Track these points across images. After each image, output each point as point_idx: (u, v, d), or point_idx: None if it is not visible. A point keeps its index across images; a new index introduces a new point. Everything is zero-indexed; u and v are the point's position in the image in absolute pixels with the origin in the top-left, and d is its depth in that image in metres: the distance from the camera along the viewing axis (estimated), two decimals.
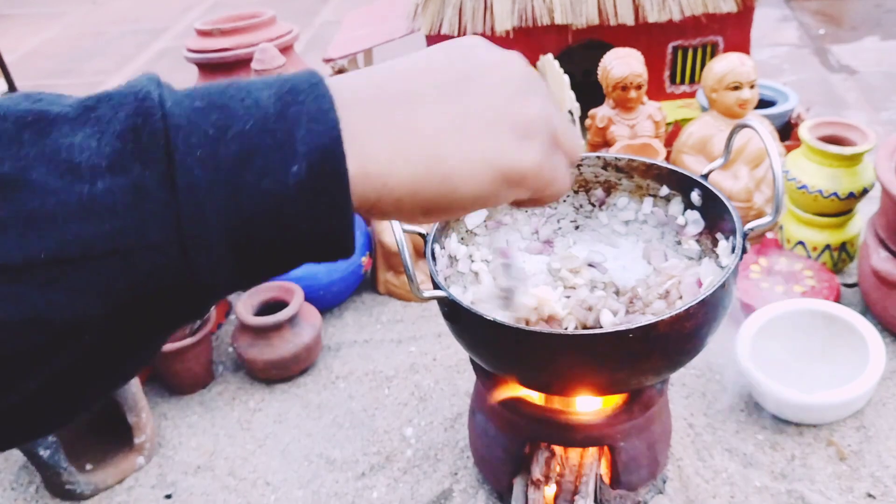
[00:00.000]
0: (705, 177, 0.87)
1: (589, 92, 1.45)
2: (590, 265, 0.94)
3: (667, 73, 1.59)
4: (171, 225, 0.29)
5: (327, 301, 1.25)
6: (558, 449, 0.87)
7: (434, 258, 0.80)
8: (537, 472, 0.85)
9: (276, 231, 0.31)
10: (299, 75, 0.33)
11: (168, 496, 1.00)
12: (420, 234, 0.83)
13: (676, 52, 1.57)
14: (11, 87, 1.11)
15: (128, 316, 0.30)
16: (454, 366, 1.16)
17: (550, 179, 0.39)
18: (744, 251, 0.76)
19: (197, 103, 0.30)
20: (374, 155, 0.33)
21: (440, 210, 0.35)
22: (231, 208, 0.30)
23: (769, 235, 1.22)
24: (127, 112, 0.29)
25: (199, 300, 0.31)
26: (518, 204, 0.41)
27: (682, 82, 1.61)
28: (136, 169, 0.29)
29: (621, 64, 1.23)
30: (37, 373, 0.29)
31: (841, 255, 1.24)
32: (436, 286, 0.74)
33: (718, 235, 0.85)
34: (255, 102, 0.31)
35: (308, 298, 1.18)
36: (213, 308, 1.16)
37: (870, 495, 0.91)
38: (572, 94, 1.35)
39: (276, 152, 0.30)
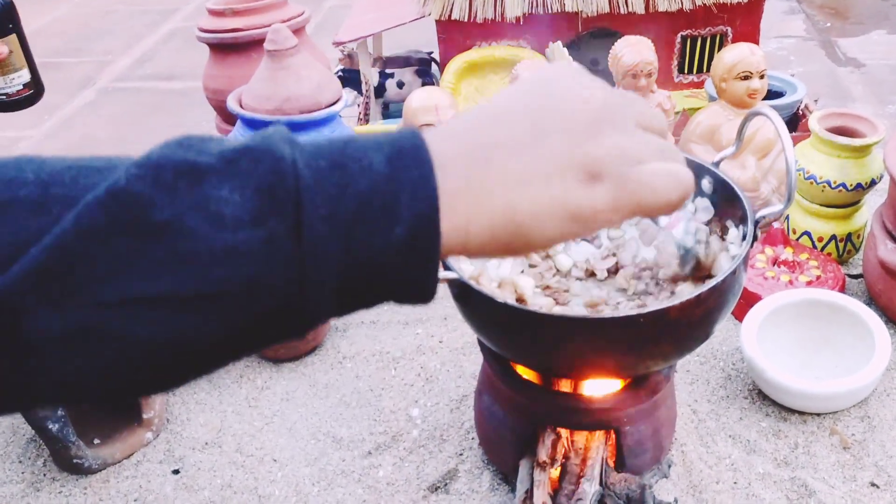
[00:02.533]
0: (716, 164, 0.87)
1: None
2: (583, 239, 0.95)
3: (675, 63, 1.60)
4: (294, 271, 0.34)
5: None
6: (564, 431, 0.88)
7: None
8: (543, 454, 0.85)
9: (375, 280, 0.36)
10: (404, 135, 0.37)
11: (176, 471, 1.00)
12: None
13: (685, 42, 1.57)
14: (35, 77, 1.11)
15: (243, 337, 0.35)
16: (460, 348, 1.17)
17: (638, 203, 0.39)
18: (754, 239, 0.77)
19: (321, 163, 0.35)
20: (459, 211, 0.37)
21: (519, 249, 0.39)
22: (342, 259, 0.35)
23: (775, 225, 1.23)
24: (265, 171, 0.34)
25: (301, 329, 0.37)
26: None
27: (690, 72, 1.61)
28: (270, 223, 0.34)
29: (632, 51, 1.23)
30: (162, 379, 0.36)
31: (846, 246, 1.25)
32: (446, 268, 0.75)
33: (728, 223, 0.86)
34: (369, 164, 0.35)
35: None
36: None
37: (873, 484, 0.92)
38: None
39: (384, 214, 0.35)
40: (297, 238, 0.34)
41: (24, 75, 1.09)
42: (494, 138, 0.38)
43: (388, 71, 1.75)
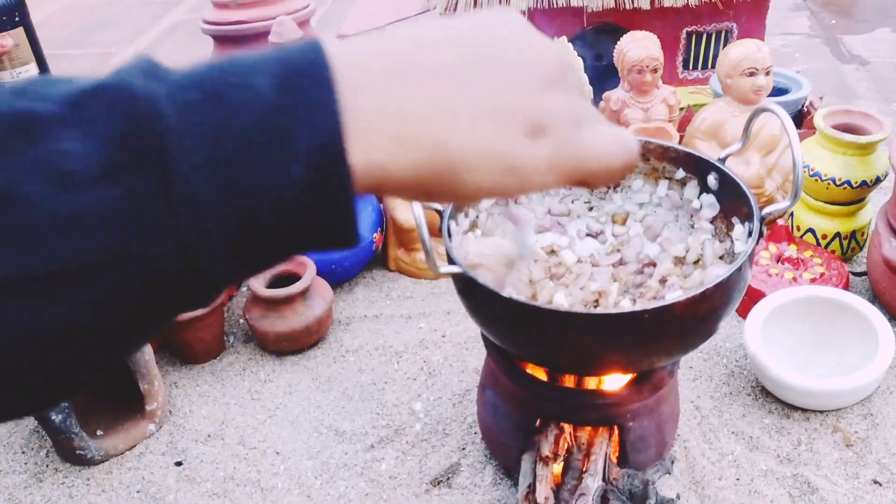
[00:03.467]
0: (722, 160, 0.87)
1: (600, 77, 1.45)
2: (588, 235, 0.95)
3: (680, 59, 1.59)
4: (171, 235, 0.28)
5: (338, 276, 1.26)
6: (567, 427, 0.88)
7: (450, 234, 0.81)
8: (546, 448, 0.85)
9: (278, 230, 0.30)
10: (301, 50, 0.31)
11: (178, 463, 1.01)
12: (437, 210, 0.83)
13: (690, 38, 1.57)
14: (43, 72, 1.11)
15: (130, 318, 0.30)
16: (463, 343, 1.17)
17: (579, 167, 0.35)
18: (760, 235, 0.77)
19: (192, 94, 0.29)
20: (375, 143, 0.31)
21: (443, 195, 0.34)
22: (231, 213, 0.29)
23: (780, 222, 1.23)
24: (117, 113, 0.28)
25: (202, 297, 0.31)
26: (580, 184, 0.38)
27: (695, 68, 1.61)
28: (129, 178, 0.28)
29: (638, 47, 1.23)
30: (44, 375, 0.30)
31: (851, 244, 1.25)
32: (451, 262, 0.75)
33: (734, 220, 0.85)
34: (252, 91, 0.29)
35: (320, 273, 1.19)
36: None
37: (876, 482, 0.92)
38: (585, 78, 1.35)
39: (275, 151, 0.29)
40: (165, 194, 0.28)
41: (32, 69, 1.09)
42: (423, 59, 0.32)
43: None
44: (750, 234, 0.80)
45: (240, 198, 0.29)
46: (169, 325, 0.34)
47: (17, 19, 1.05)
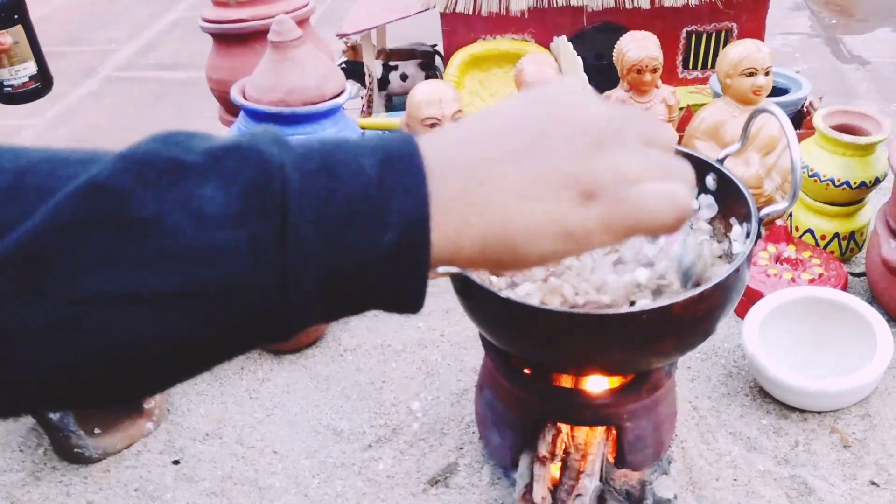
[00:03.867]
0: (721, 161, 0.87)
1: (600, 75, 1.45)
2: None
3: (679, 58, 1.59)
4: (278, 273, 0.33)
5: None
6: (564, 427, 0.88)
7: None
8: (543, 449, 0.86)
9: (362, 287, 0.35)
10: (397, 141, 0.37)
11: (176, 462, 1.01)
12: None
13: (690, 37, 1.57)
14: (42, 70, 1.11)
15: (227, 338, 0.35)
16: (461, 342, 1.17)
17: (633, 224, 0.38)
18: (758, 236, 0.77)
19: (310, 165, 0.35)
20: (451, 223, 0.36)
21: (510, 265, 0.38)
22: (328, 263, 0.34)
23: (778, 223, 1.23)
24: (251, 171, 0.34)
25: (285, 330, 0.36)
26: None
27: (695, 68, 1.61)
28: (254, 224, 0.33)
29: (637, 47, 1.23)
30: (146, 378, 0.36)
31: (849, 245, 1.25)
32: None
33: (732, 220, 0.86)
34: (360, 169, 0.35)
35: None
36: None
37: (873, 483, 0.92)
38: (585, 77, 1.35)
39: (373, 220, 0.34)
40: (281, 240, 0.33)
41: (31, 67, 1.09)
42: (493, 151, 0.38)
43: (391, 63, 1.74)
44: (748, 234, 0.80)
45: (338, 252, 0.34)
46: (251, 350, 0.39)
47: (16, 17, 1.04)
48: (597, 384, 0.86)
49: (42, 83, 1.12)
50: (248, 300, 0.34)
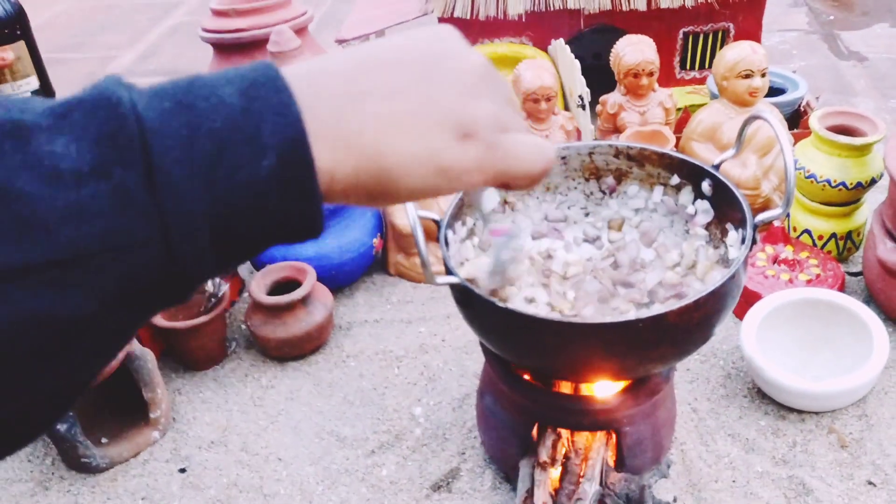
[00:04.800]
0: (717, 167, 0.88)
1: (598, 77, 1.46)
2: (585, 241, 0.96)
3: (677, 59, 1.60)
4: (155, 224, 0.31)
5: (339, 281, 1.27)
6: (565, 432, 0.89)
7: (447, 244, 0.82)
8: (544, 454, 0.87)
9: (252, 220, 0.33)
10: (256, 68, 0.34)
11: (182, 470, 1.02)
12: (434, 221, 0.84)
13: (687, 38, 1.58)
14: (44, 85, 1.12)
15: (117, 308, 0.32)
16: (462, 347, 1.18)
17: (503, 168, 0.40)
18: (753, 243, 0.78)
19: (166, 104, 0.32)
20: (324, 151, 0.34)
21: (382, 199, 0.38)
22: (209, 203, 0.31)
23: (776, 224, 1.23)
24: (102, 118, 0.31)
25: (182, 289, 0.33)
26: (505, 187, 0.42)
27: (692, 68, 1.62)
28: (117, 173, 0.30)
29: (634, 51, 1.23)
30: (41, 371, 0.31)
31: (846, 245, 1.25)
32: (449, 272, 0.76)
33: (728, 226, 0.86)
34: (219, 100, 0.32)
35: (320, 278, 1.20)
36: (226, 286, 1.18)
37: (870, 483, 0.93)
38: (583, 80, 1.36)
39: (246, 147, 0.32)
40: (150, 186, 0.30)
41: (33, 82, 1.10)
42: (369, 80, 0.37)
43: None
44: (743, 240, 0.81)
45: (217, 190, 0.31)
46: (148, 320, 0.35)
47: (18, 32, 1.05)
48: (596, 390, 0.87)
49: (44, 97, 1.13)
50: (128, 259, 0.30)
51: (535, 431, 0.90)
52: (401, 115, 0.37)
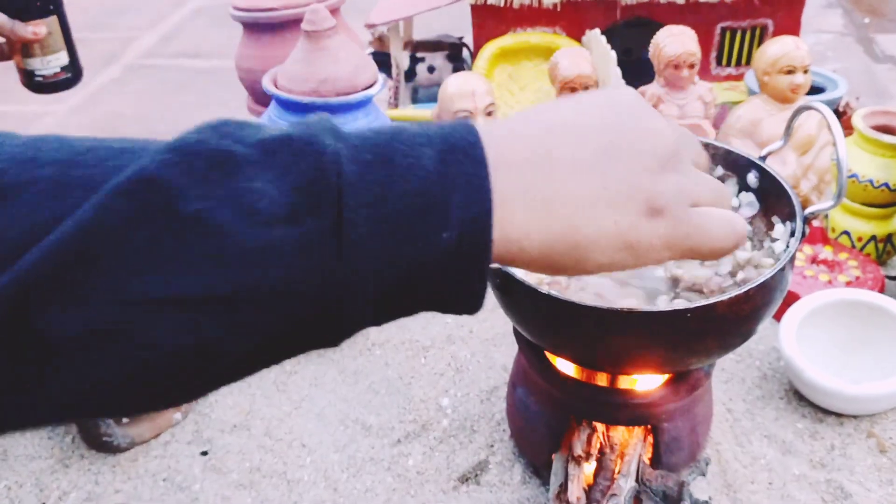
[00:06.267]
0: (763, 158, 0.86)
1: (629, 74, 1.43)
2: None
3: (713, 55, 1.57)
4: (332, 273, 0.31)
5: None
6: (600, 426, 0.87)
7: None
8: (578, 448, 0.84)
9: (418, 287, 0.34)
10: (458, 130, 0.35)
11: (204, 453, 1.00)
12: None
13: (724, 34, 1.55)
14: (73, 61, 1.10)
15: (274, 345, 0.33)
16: (491, 339, 1.16)
17: (692, 245, 0.39)
18: (803, 235, 0.75)
19: (367, 157, 0.32)
20: (514, 221, 0.34)
21: (567, 272, 0.38)
22: (384, 264, 0.32)
23: (815, 223, 1.21)
24: (306, 164, 0.32)
25: (336, 339, 0.35)
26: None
27: (729, 64, 1.59)
28: (308, 221, 0.31)
29: (675, 42, 1.21)
30: (188, 387, 0.34)
31: (886, 247, 1.23)
32: None
33: (774, 219, 0.84)
34: (418, 161, 0.33)
35: None
36: None
37: None
38: (618, 70, 1.33)
39: (432, 216, 0.32)
40: (336, 238, 0.31)
41: (63, 58, 1.08)
42: (560, 150, 0.36)
43: (419, 55, 1.73)
44: (792, 233, 0.78)
45: (395, 251, 0.32)
46: (297, 355, 0.36)
47: (51, 7, 1.04)
48: (634, 384, 0.85)
49: (72, 74, 1.11)
50: (300, 303, 0.32)
51: (569, 425, 0.87)
52: (592, 187, 0.36)
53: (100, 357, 0.30)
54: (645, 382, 0.84)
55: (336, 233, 0.31)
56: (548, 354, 0.86)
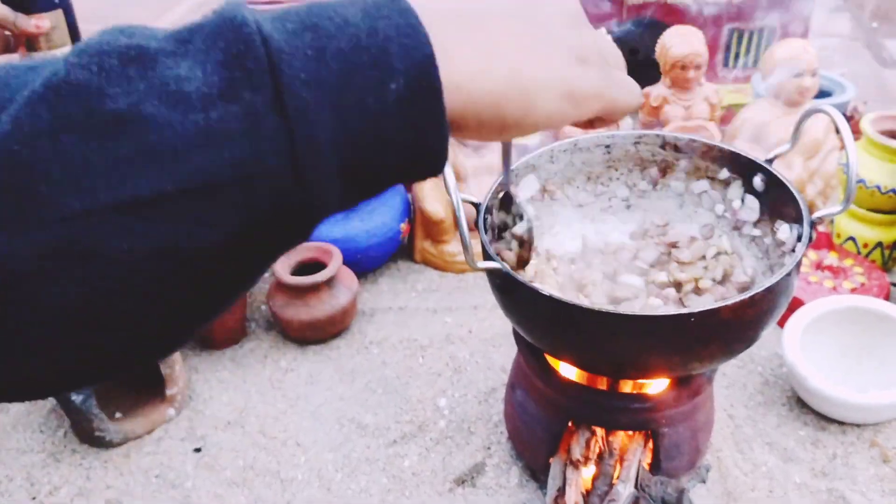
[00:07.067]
0: (770, 161, 0.85)
1: (635, 72, 1.42)
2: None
3: (720, 57, 1.56)
4: (286, 149, 0.29)
5: (364, 266, 1.24)
6: (599, 430, 0.85)
7: (486, 229, 0.78)
8: (577, 452, 0.83)
9: (379, 147, 0.32)
10: None
11: (197, 450, 0.99)
12: (473, 203, 0.80)
13: (732, 35, 1.53)
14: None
15: (243, 241, 0.30)
16: (490, 339, 1.15)
17: (614, 97, 0.40)
18: (810, 240, 0.74)
19: (289, 25, 0.30)
20: (460, 69, 0.33)
21: (516, 126, 0.37)
22: (338, 128, 0.30)
23: (820, 229, 1.19)
24: (227, 39, 0.29)
25: (308, 223, 0.32)
26: (591, 125, 0.44)
27: (736, 66, 1.57)
28: (246, 95, 0.29)
29: (682, 42, 1.19)
30: (161, 303, 0.30)
31: (892, 254, 1.21)
32: (488, 257, 0.72)
33: (779, 223, 0.83)
34: (344, 20, 0.31)
35: (345, 262, 1.16)
36: None
37: None
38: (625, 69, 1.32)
39: (373, 69, 0.31)
40: (279, 109, 0.29)
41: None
42: (490, 7, 0.37)
43: None
44: (798, 237, 0.77)
45: (345, 113, 0.30)
46: (267, 267, 0.34)
47: (56, 1, 1.03)
48: (635, 387, 0.83)
49: None
50: (259, 187, 0.29)
51: (568, 428, 0.86)
52: (529, 38, 0.36)
53: (59, 280, 0.28)
54: (646, 387, 0.83)
55: (277, 103, 0.29)
56: (547, 356, 0.85)
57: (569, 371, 0.84)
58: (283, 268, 1.13)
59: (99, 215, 0.27)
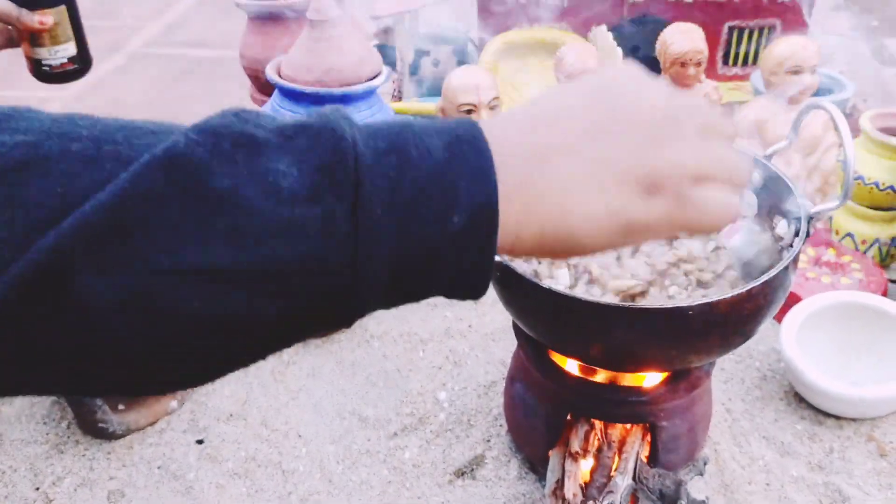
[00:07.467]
0: (768, 157, 0.85)
1: None
2: None
3: (720, 54, 1.56)
4: (349, 253, 0.33)
5: None
6: (598, 423, 0.86)
7: None
8: (576, 444, 0.84)
9: (427, 270, 0.35)
10: (462, 124, 0.36)
11: (200, 441, 0.99)
12: None
13: (732, 33, 1.54)
14: (81, 52, 1.09)
15: (294, 319, 0.34)
16: (490, 333, 1.15)
17: (688, 223, 0.39)
18: (807, 235, 0.75)
19: (380, 144, 0.34)
20: (513, 211, 0.36)
21: (564, 256, 0.42)
22: (398, 245, 0.34)
23: (818, 225, 1.20)
24: (325, 148, 0.33)
25: (352, 316, 0.36)
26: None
27: (735, 64, 1.58)
28: (328, 200, 0.33)
29: (683, 39, 1.20)
30: (210, 356, 0.35)
31: (890, 251, 1.22)
32: None
33: (777, 218, 0.83)
34: (427, 150, 0.35)
35: None
36: None
37: None
38: None
39: (442, 201, 0.34)
40: (353, 218, 0.33)
41: (70, 49, 1.08)
42: (552, 138, 0.38)
43: (423, 49, 1.72)
44: (796, 233, 0.78)
45: (407, 233, 0.34)
46: (313, 336, 0.37)
47: None
48: (634, 380, 0.84)
49: (80, 65, 1.11)
50: (319, 280, 0.33)
51: (567, 421, 0.86)
52: (586, 172, 0.37)
53: (131, 323, 0.31)
54: (645, 380, 0.84)
55: (353, 213, 0.33)
56: (547, 350, 0.86)
57: (568, 364, 0.85)
58: None
59: (181, 275, 0.31)
